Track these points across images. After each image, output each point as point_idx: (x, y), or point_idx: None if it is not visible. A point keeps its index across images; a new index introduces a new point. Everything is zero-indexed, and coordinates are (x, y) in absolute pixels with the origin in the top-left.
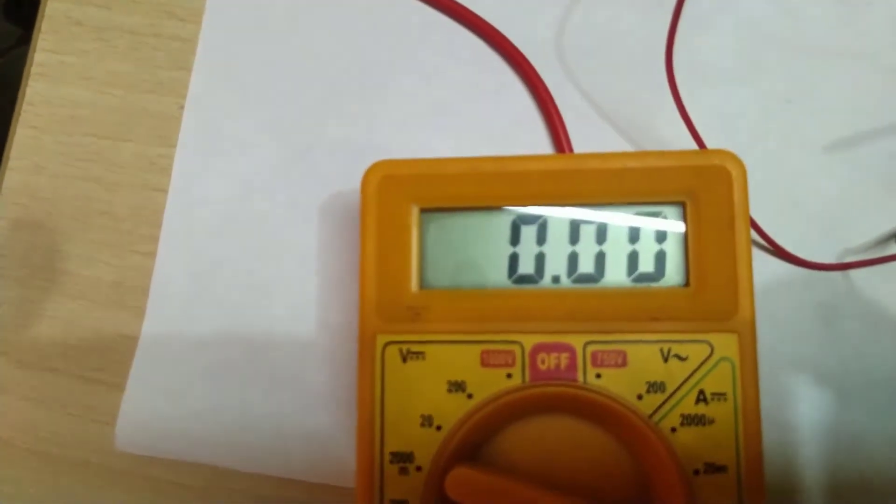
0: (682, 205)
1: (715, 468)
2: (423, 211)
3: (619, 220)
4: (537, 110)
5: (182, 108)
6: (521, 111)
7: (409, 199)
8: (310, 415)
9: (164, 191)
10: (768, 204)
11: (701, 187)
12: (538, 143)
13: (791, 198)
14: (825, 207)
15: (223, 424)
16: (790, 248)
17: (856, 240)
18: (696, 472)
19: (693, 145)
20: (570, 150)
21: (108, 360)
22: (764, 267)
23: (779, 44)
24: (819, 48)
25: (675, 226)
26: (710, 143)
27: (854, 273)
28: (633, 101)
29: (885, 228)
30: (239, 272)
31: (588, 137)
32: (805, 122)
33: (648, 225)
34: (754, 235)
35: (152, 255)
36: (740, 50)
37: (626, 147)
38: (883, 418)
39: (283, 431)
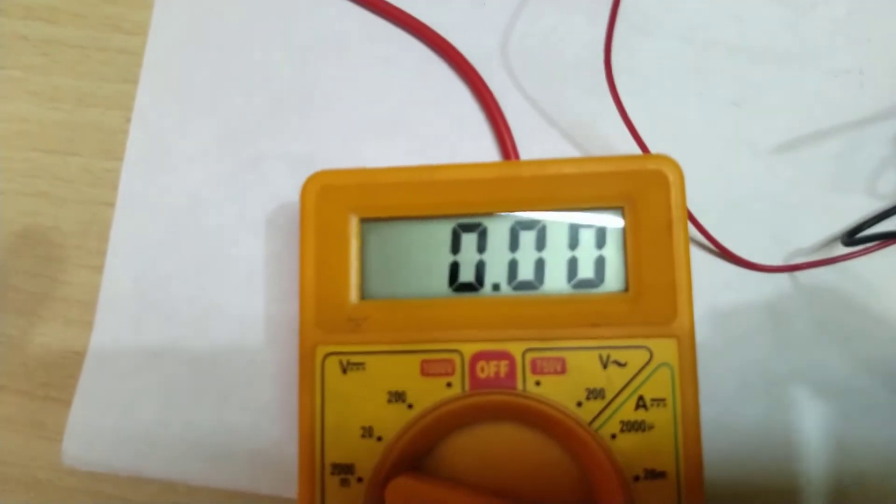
0: (621, 210)
1: (655, 474)
2: (363, 221)
3: (558, 226)
4: (484, 117)
5: (129, 121)
6: (467, 119)
7: (349, 209)
8: (258, 427)
9: (112, 205)
10: (716, 207)
11: (639, 192)
12: (485, 150)
13: (738, 200)
14: (772, 209)
15: (172, 438)
16: (738, 250)
17: (803, 241)
18: (637, 478)
19: (638, 149)
20: (517, 156)
21: (55, 377)
22: (711, 270)
23: (724, 48)
24: (763, 51)
25: (613, 231)
26: (657, 147)
27: (801, 274)
28: (579, 107)
29: (832, 229)
30: (187, 286)
31: (535, 143)
32: (751, 125)
33: (587, 231)
34: (702, 239)
35: (100, 269)
36: (686, 54)
37: (573, 152)
38: (831, 422)
39: (232, 444)
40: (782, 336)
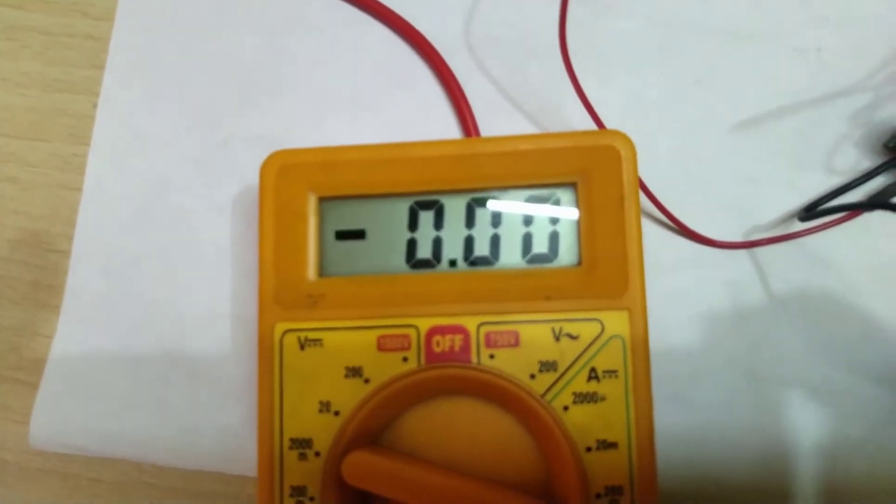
0: (574, 185)
1: (607, 445)
2: (322, 199)
3: (513, 202)
4: (448, 100)
5: (97, 106)
6: (432, 102)
7: (307, 187)
8: (226, 407)
9: (80, 189)
10: (678, 184)
11: (592, 167)
12: (450, 132)
13: (700, 178)
14: (733, 186)
15: (140, 419)
16: (700, 227)
17: (763, 218)
18: (589, 449)
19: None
20: (478, 136)
21: (25, 360)
22: (671, 247)
23: (687, 26)
24: (727, 30)
25: (567, 207)
26: (619, 126)
27: (760, 251)
28: (542, 88)
29: (791, 205)
30: (155, 268)
31: (498, 126)
32: (714, 103)
33: (541, 206)
34: (661, 216)
35: (68, 253)
36: (650, 33)
37: (536, 132)
38: (789, 397)
39: (200, 424)
40: (741, 311)
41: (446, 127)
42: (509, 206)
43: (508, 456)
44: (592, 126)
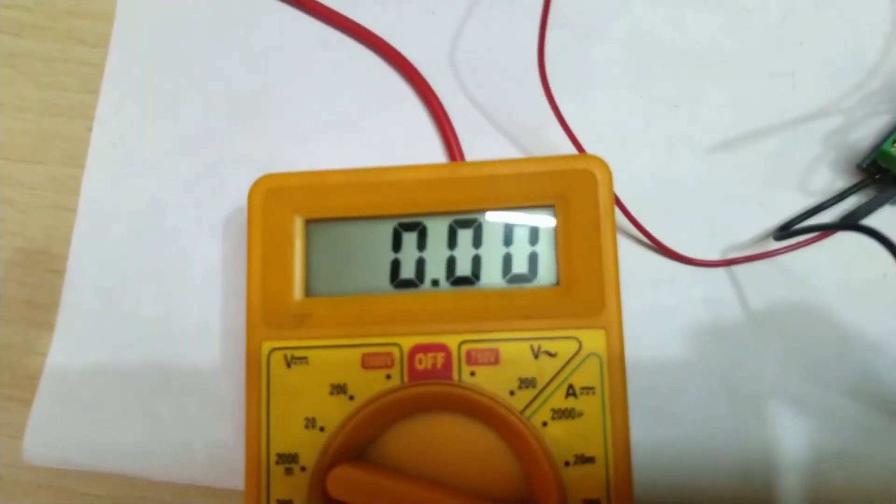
0: (553, 208)
1: (584, 459)
2: (308, 222)
3: (493, 224)
4: (432, 122)
5: (91, 130)
6: (416, 123)
7: (294, 210)
8: (216, 423)
9: (75, 210)
10: (657, 205)
11: (569, 191)
12: (433, 153)
13: (678, 197)
14: (711, 206)
15: (131, 434)
16: (678, 246)
17: (740, 237)
18: (567, 463)
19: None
20: (462, 158)
21: (19, 377)
22: (650, 266)
23: (666, 51)
24: (702, 55)
25: (545, 228)
26: (599, 149)
27: (737, 269)
28: (524, 110)
29: (767, 225)
30: (148, 286)
31: (481, 147)
32: (691, 125)
33: (521, 228)
34: (640, 236)
35: (62, 273)
36: (629, 58)
37: (519, 155)
38: (767, 412)
39: (191, 439)
40: (718, 328)
41: (430, 148)
42: (490, 227)
43: (489, 470)
44: (573, 147)
